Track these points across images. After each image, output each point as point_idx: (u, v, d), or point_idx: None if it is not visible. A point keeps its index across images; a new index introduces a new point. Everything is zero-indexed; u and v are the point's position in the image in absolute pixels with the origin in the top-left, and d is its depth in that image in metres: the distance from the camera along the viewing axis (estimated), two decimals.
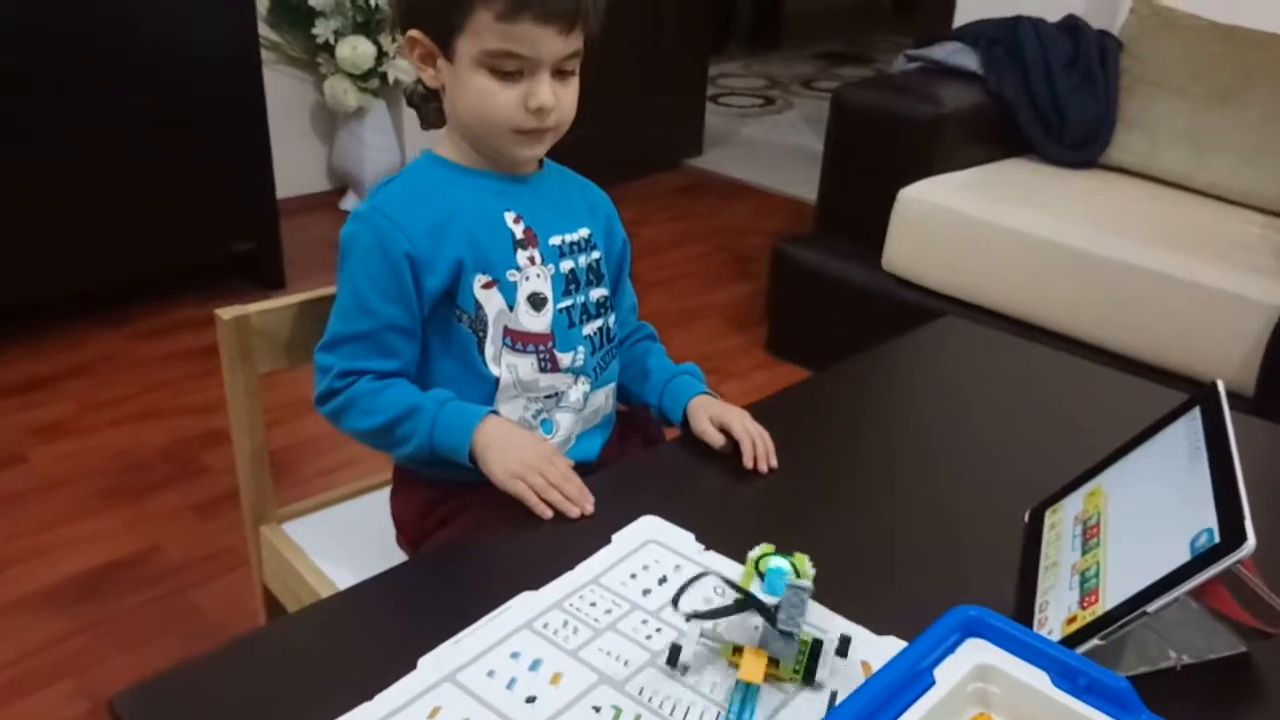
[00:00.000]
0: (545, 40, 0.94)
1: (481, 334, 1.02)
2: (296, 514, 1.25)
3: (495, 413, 1.00)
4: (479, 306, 1.01)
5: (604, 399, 1.11)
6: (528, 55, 0.95)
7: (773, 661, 0.73)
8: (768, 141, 4.28)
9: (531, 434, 1.00)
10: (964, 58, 2.41)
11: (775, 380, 2.42)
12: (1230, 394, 1.76)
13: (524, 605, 0.80)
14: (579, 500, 0.92)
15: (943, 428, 1.11)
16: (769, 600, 0.73)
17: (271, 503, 1.23)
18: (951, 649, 0.69)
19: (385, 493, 1.21)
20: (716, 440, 1.02)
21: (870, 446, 1.08)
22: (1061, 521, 0.93)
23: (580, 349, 1.06)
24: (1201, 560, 0.72)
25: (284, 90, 3.04)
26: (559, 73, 0.98)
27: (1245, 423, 1.09)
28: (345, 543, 1.19)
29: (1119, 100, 2.31)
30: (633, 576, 0.85)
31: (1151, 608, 0.73)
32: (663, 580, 0.85)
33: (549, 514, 0.91)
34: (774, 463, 0.99)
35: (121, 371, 2.33)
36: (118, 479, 1.96)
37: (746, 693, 0.72)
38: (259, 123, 2.56)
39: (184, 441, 2.08)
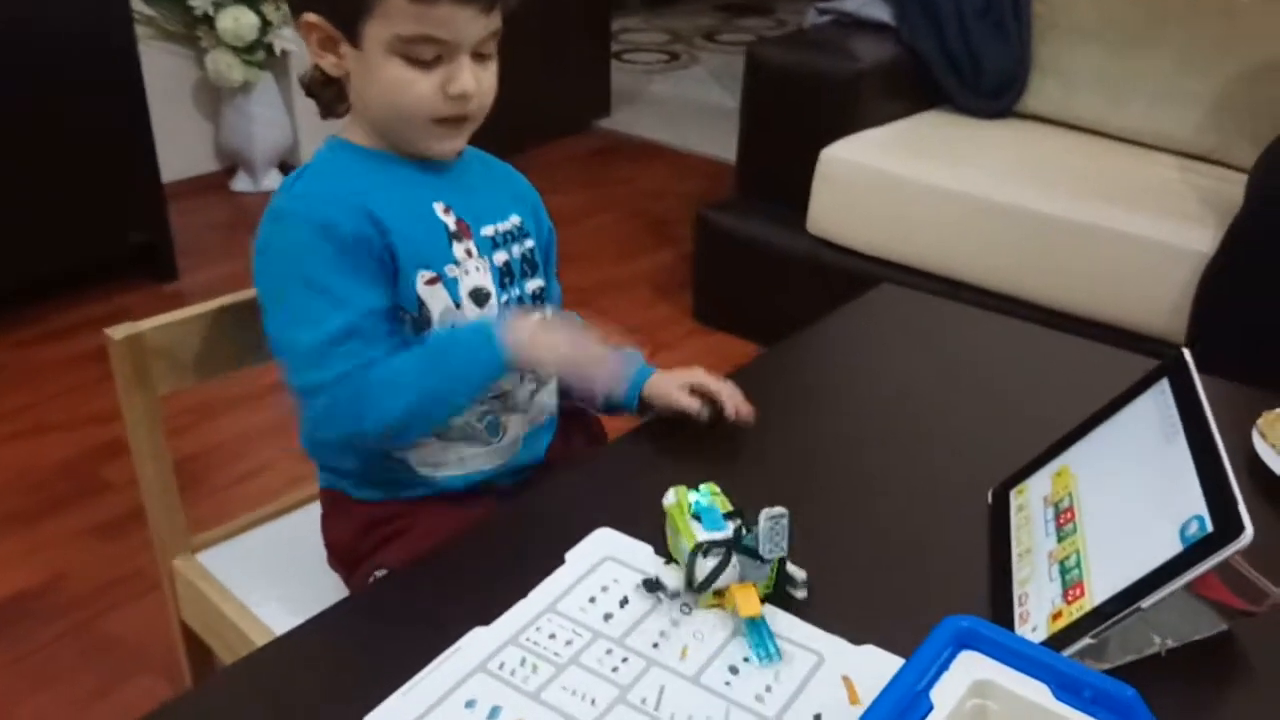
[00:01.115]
0: (465, 22, 0.87)
1: (425, 334, 0.95)
2: (212, 541, 1.15)
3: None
4: (422, 304, 0.93)
5: (548, 396, 1.06)
6: (446, 39, 0.88)
7: None
8: (676, 99, 4.20)
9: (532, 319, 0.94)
10: (875, 9, 2.36)
11: (708, 350, 2.38)
12: (1161, 342, 1.81)
13: (476, 644, 0.74)
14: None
15: (893, 407, 1.08)
16: (718, 536, 0.77)
17: (183, 532, 1.13)
18: (946, 665, 0.65)
19: (309, 511, 1.14)
20: (693, 406, 0.99)
21: (821, 431, 1.04)
22: (1029, 504, 0.90)
23: None
24: (1196, 551, 0.69)
25: (162, 68, 2.87)
26: (477, 55, 0.91)
27: (1148, 365, 1.10)
28: (269, 571, 1.10)
29: (1032, 47, 2.30)
30: (591, 600, 0.79)
31: (1146, 603, 0.70)
32: (624, 602, 0.79)
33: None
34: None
35: (13, 382, 2.19)
36: (15, 500, 1.84)
37: (757, 627, 0.74)
38: (138, 106, 2.40)
39: (82, 456, 1.95)
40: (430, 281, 0.93)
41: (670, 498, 0.81)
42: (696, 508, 0.79)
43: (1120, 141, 2.23)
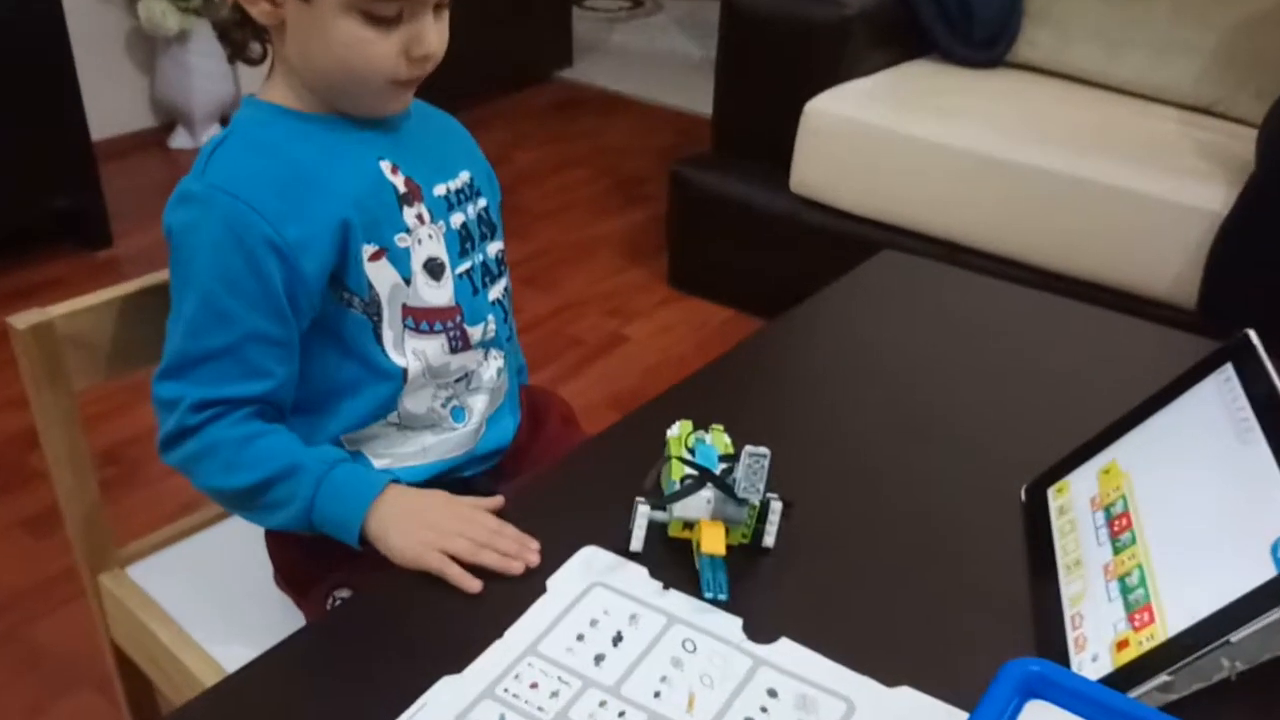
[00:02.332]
0: None
1: (376, 318, 0.84)
2: (143, 553, 1.03)
3: (396, 481, 0.81)
4: (370, 285, 0.83)
5: (509, 371, 0.97)
6: None
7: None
8: (641, 49, 4.05)
9: (438, 492, 0.81)
10: None
11: (684, 317, 2.28)
12: (1170, 306, 1.73)
13: (445, 696, 0.64)
14: (519, 553, 0.74)
15: (907, 391, 0.98)
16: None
17: (110, 542, 1.00)
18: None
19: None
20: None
21: (831, 419, 0.95)
22: (1073, 505, 0.81)
23: (490, 317, 0.92)
24: None
25: (89, 17, 2.68)
26: (436, 7, 0.81)
27: (1196, 344, 1.03)
28: (207, 587, 0.99)
29: None
30: (579, 639, 0.68)
31: (1236, 637, 0.61)
32: (618, 640, 0.69)
33: (478, 586, 0.72)
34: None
35: None
36: None
37: (714, 564, 0.72)
38: (63, 57, 2.23)
39: (6, 442, 1.81)
40: (374, 257, 0.83)
41: (675, 429, 0.80)
42: (695, 442, 0.79)
43: (1118, 93, 2.15)
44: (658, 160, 2.99)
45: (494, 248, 0.94)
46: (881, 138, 1.96)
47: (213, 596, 0.97)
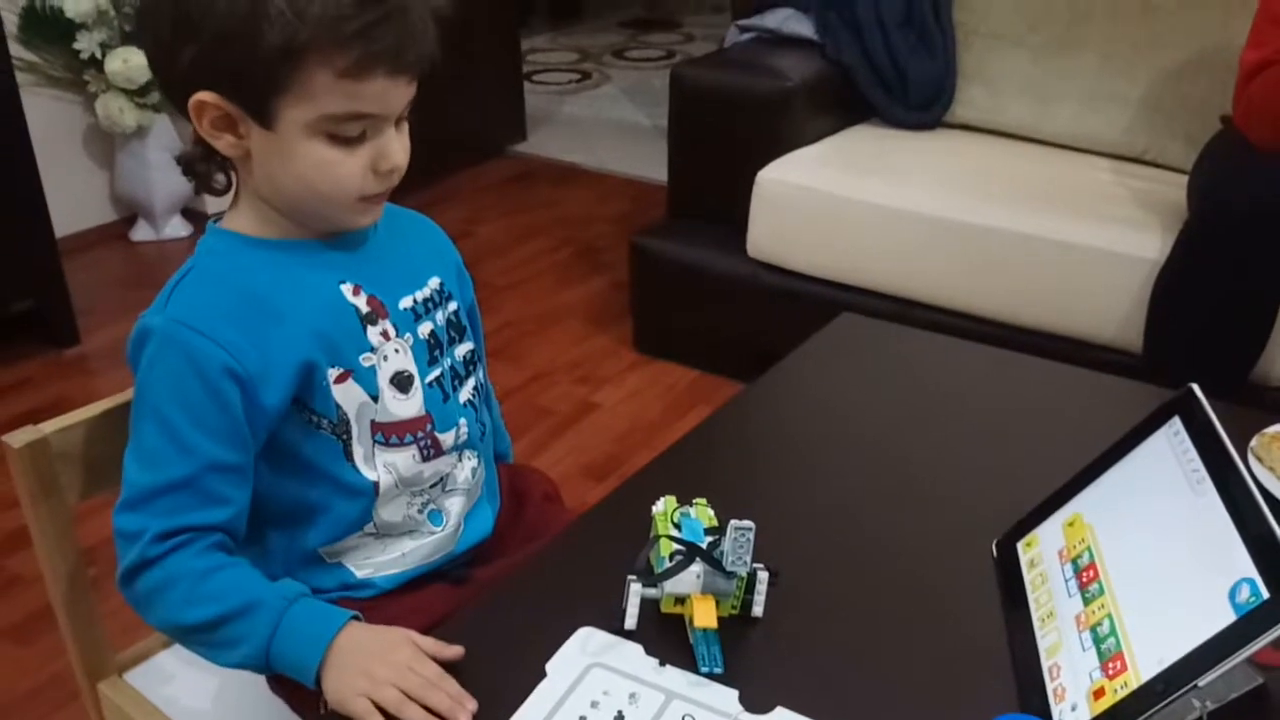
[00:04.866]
0: (396, 93, 0.79)
1: (345, 437, 0.85)
2: (139, 658, 1.03)
3: (358, 617, 0.79)
4: (338, 407, 0.84)
5: (485, 465, 0.98)
6: (376, 113, 0.79)
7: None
8: (592, 119, 4.13)
9: (393, 633, 0.77)
10: (798, 24, 2.32)
11: (651, 381, 2.30)
12: (1116, 351, 1.79)
13: None
14: (450, 710, 0.70)
15: (878, 451, 1.02)
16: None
17: (107, 651, 1.00)
18: None
19: None
20: None
21: (810, 486, 0.97)
22: (1042, 558, 0.84)
23: (461, 421, 0.92)
24: (1254, 620, 0.63)
25: (49, 115, 2.70)
26: (398, 121, 0.82)
27: (1145, 392, 1.08)
28: (205, 690, 0.99)
29: (957, 56, 2.28)
30: None
31: (1204, 681, 0.64)
32: (619, 719, 0.70)
33: None
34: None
35: None
36: None
37: (707, 638, 0.74)
38: (24, 156, 2.22)
39: None
40: (339, 379, 0.83)
41: (660, 505, 0.82)
42: (680, 517, 0.81)
43: (1052, 147, 2.22)
44: (615, 227, 3.04)
45: (462, 350, 0.94)
46: (831, 203, 2.01)
47: (212, 701, 0.98)
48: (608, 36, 5.36)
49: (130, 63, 2.60)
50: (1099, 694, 0.69)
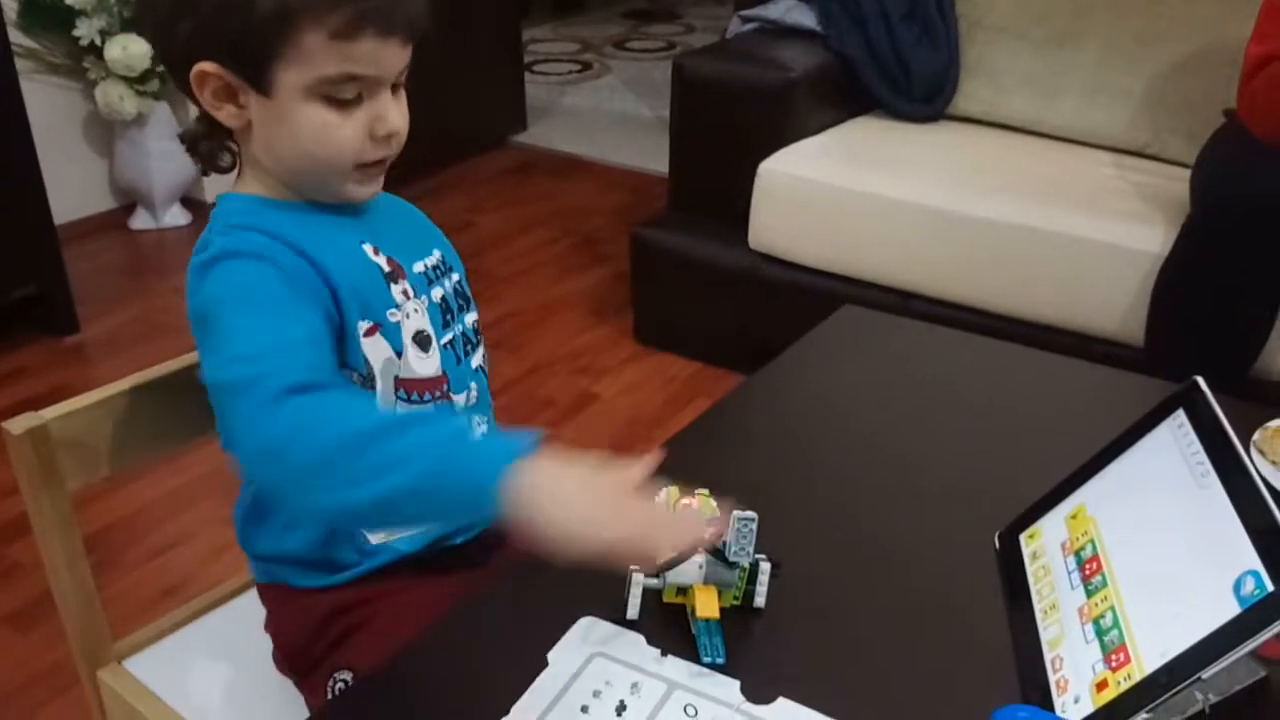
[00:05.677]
0: (388, 55, 0.80)
1: (370, 393, 0.85)
2: (140, 645, 1.03)
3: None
4: (366, 360, 0.84)
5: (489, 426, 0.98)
6: (370, 75, 0.80)
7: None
8: (592, 110, 4.12)
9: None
10: (800, 15, 2.31)
11: (651, 373, 2.30)
12: (1118, 344, 1.79)
13: None
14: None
15: (879, 443, 1.02)
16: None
17: (107, 638, 1.00)
18: None
19: (245, 600, 1.04)
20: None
21: (811, 478, 0.97)
22: (1045, 550, 0.84)
23: (473, 385, 0.93)
24: (1258, 613, 0.63)
25: (48, 102, 2.69)
26: (394, 87, 0.84)
27: (1147, 385, 1.08)
28: (207, 675, 0.99)
29: (960, 49, 2.27)
30: (584, 710, 0.70)
31: (1207, 673, 0.64)
32: (621, 709, 0.70)
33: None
34: None
35: None
36: None
37: (709, 628, 0.74)
38: (23, 143, 2.22)
39: None
40: (369, 332, 0.84)
41: (662, 496, 0.79)
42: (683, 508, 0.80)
43: (1055, 140, 2.22)
44: (616, 218, 3.04)
45: (471, 318, 0.96)
46: (834, 194, 2.01)
47: (214, 686, 0.98)
48: (609, 27, 5.35)
49: (130, 50, 2.59)
50: (1102, 686, 0.69)
